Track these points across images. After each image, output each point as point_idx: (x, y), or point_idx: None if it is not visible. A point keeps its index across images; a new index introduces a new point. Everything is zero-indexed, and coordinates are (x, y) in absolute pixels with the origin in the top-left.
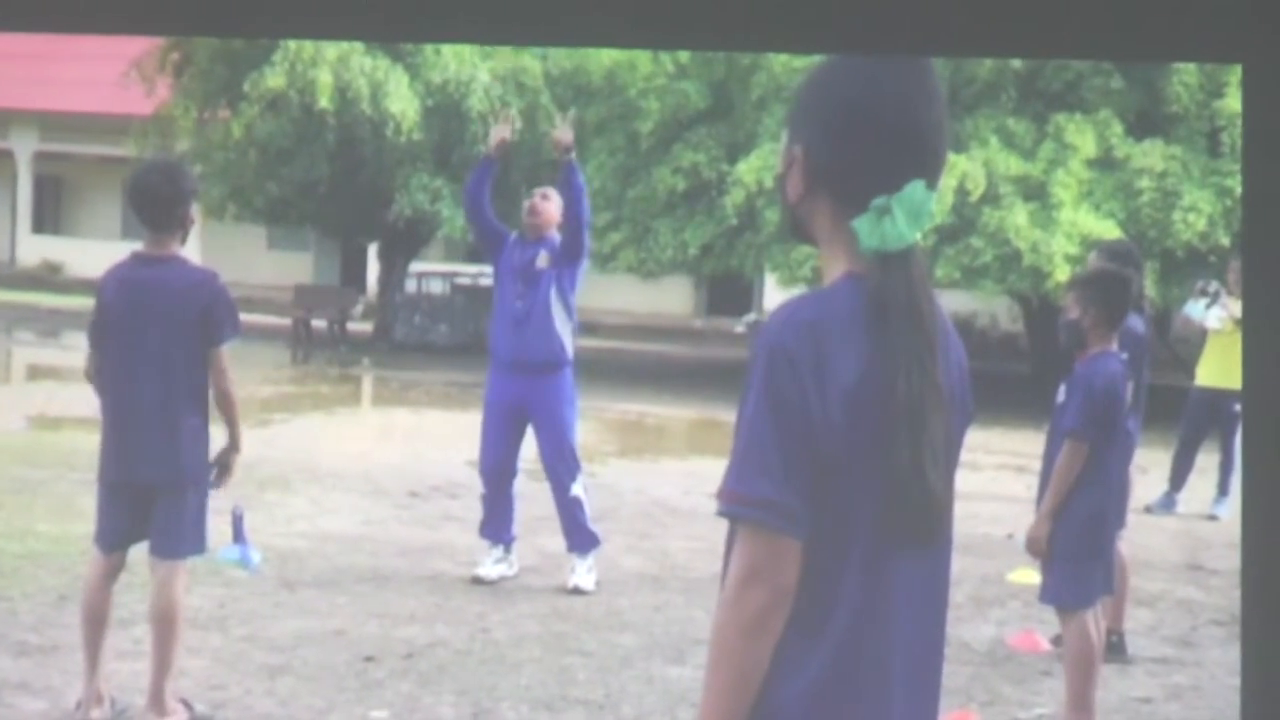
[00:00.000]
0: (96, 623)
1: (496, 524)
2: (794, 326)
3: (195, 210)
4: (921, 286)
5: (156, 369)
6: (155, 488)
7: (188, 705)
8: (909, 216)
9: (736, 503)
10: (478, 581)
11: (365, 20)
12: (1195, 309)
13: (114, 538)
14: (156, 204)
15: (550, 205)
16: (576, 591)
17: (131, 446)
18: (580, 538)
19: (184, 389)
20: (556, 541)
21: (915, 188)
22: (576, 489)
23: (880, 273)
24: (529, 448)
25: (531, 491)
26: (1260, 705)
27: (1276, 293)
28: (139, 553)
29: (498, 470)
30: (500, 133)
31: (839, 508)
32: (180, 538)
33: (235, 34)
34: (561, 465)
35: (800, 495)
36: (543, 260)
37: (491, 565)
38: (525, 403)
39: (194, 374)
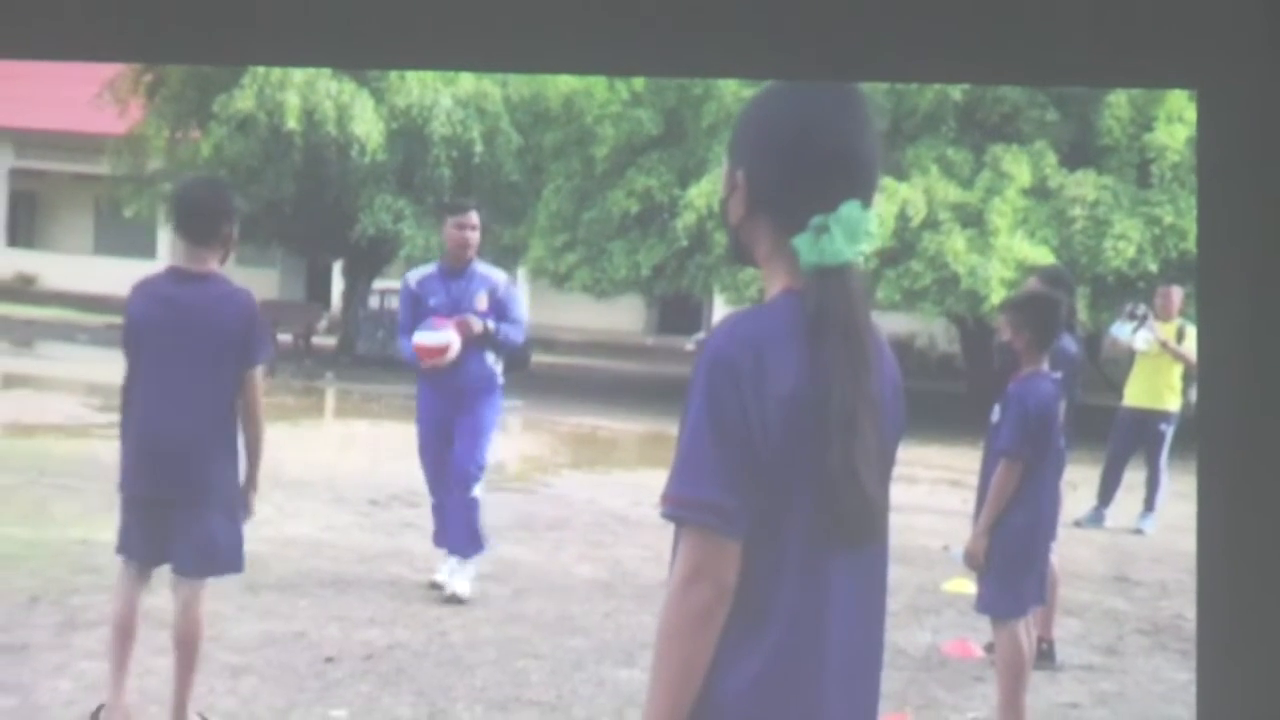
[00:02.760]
0: (125, 635)
1: (446, 533)
2: (734, 339)
3: (237, 229)
4: (858, 302)
5: (190, 385)
6: (179, 504)
7: None
8: (846, 234)
9: (679, 505)
10: (435, 587)
11: (333, 48)
12: (1122, 330)
13: (138, 550)
14: (202, 218)
15: (476, 235)
16: (454, 599)
17: (158, 461)
18: (468, 540)
19: (216, 407)
20: (513, 549)
21: (851, 207)
22: (478, 490)
23: (818, 288)
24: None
25: (488, 501)
26: (1213, 708)
27: (1229, 312)
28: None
29: (438, 482)
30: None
31: (776, 512)
32: (208, 557)
33: (210, 62)
34: (469, 466)
35: (739, 498)
36: (482, 302)
37: (448, 572)
38: (452, 419)
39: (227, 392)
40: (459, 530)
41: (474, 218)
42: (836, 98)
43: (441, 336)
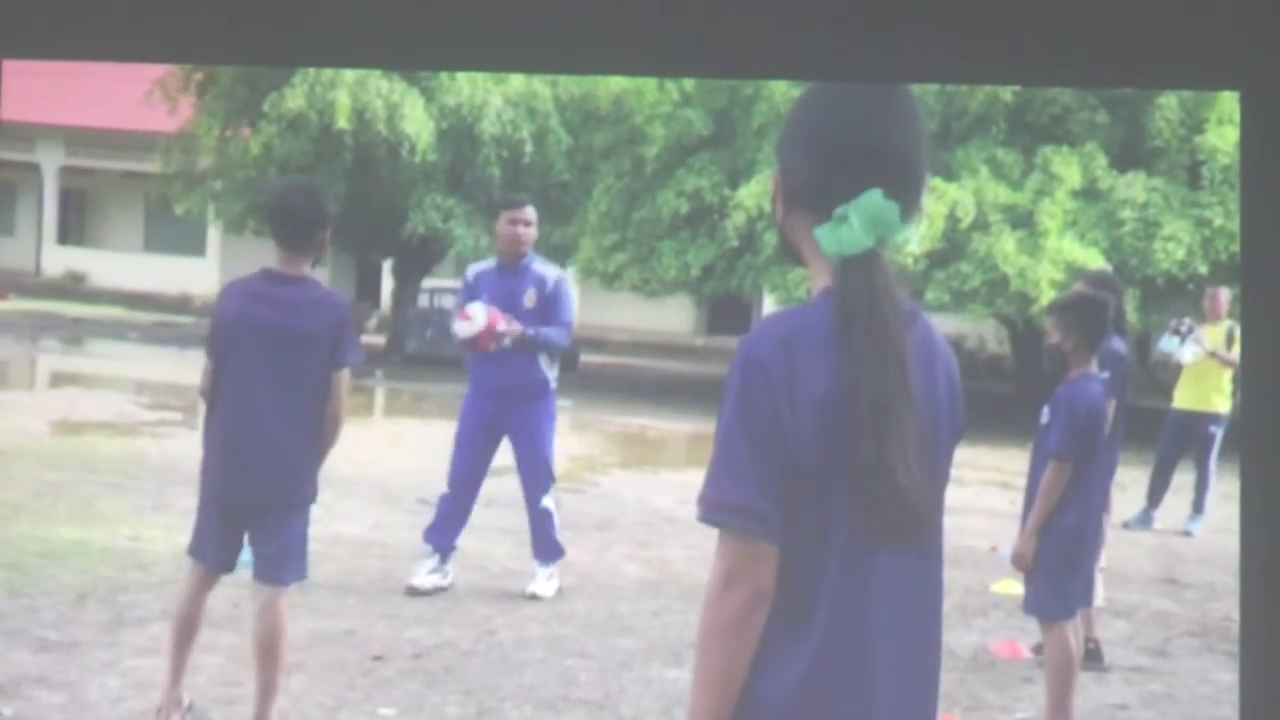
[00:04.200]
0: (187, 632)
1: (444, 531)
2: (767, 339)
3: (329, 234)
4: (884, 292)
5: (280, 388)
6: (265, 508)
7: None
8: (865, 223)
9: (713, 509)
10: (413, 593)
11: (384, 49)
12: (1170, 345)
13: (212, 553)
14: (297, 223)
15: (531, 231)
16: (534, 598)
17: (246, 464)
18: (546, 548)
19: (304, 410)
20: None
21: (872, 195)
22: (547, 501)
23: (842, 280)
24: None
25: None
26: (1258, 709)
27: (1273, 313)
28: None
29: (465, 479)
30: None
31: (814, 512)
32: (285, 564)
33: (262, 63)
34: (536, 479)
35: (774, 501)
36: (530, 300)
37: (426, 575)
38: (504, 423)
39: (314, 395)
40: (539, 539)
41: (528, 213)
42: (868, 92)
43: (470, 326)
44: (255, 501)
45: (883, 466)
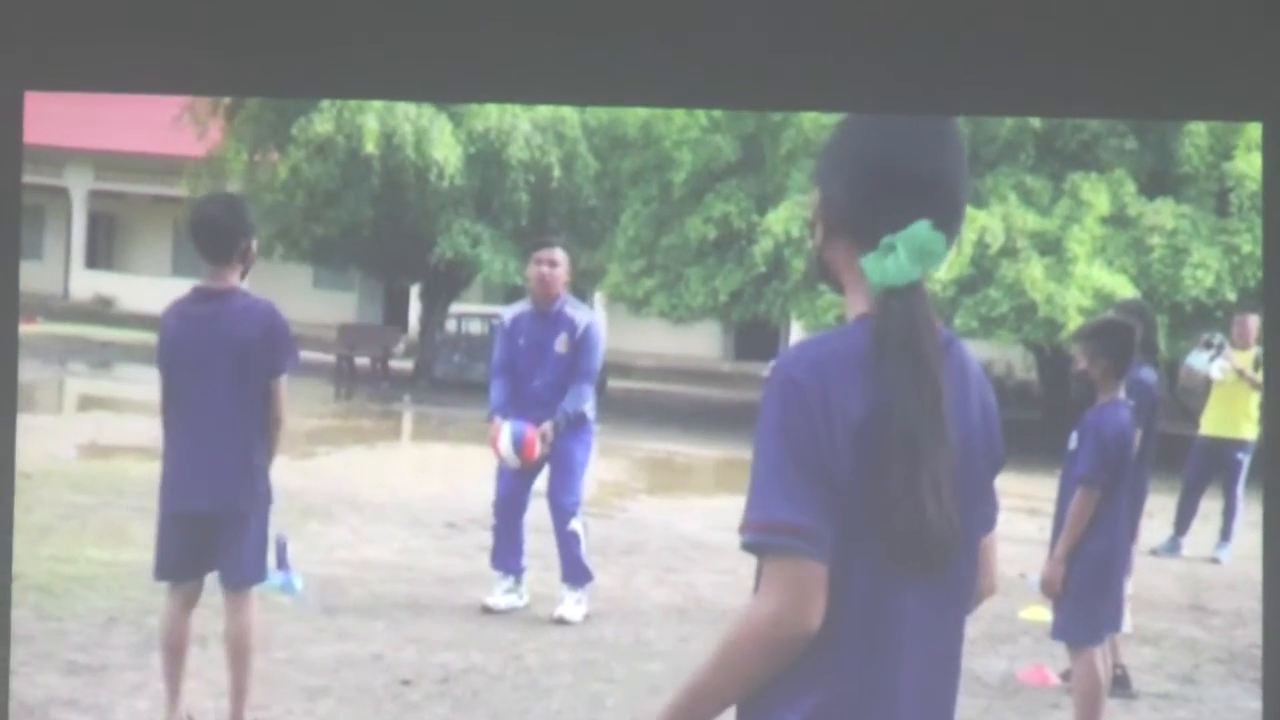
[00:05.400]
0: (175, 653)
1: (506, 555)
2: (801, 363)
3: (255, 244)
4: (924, 323)
5: (219, 400)
6: (220, 517)
7: None
8: (912, 254)
9: (762, 531)
10: (487, 610)
11: (411, 82)
12: (1199, 360)
13: (173, 569)
14: (217, 236)
15: (559, 272)
16: (561, 621)
17: (196, 476)
18: (574, 572)
19: (246, 420)
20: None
21: (920, 226)
22: (575, 524)
23: (882, 309)
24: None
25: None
26: None
27: None
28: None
29: (508, 503)
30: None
31: (843, 540)
32: (248, 566)
33: (291, 95)
34: (566, 502)
35: (823, 519)
36: (562, 345)
37: (501, 595)
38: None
39: (256, 405)
40: (566, 563)
41: (555, 254)
42: (915, 122)
43: (514, 459)
44: (209, 512)
45: (911, 498)
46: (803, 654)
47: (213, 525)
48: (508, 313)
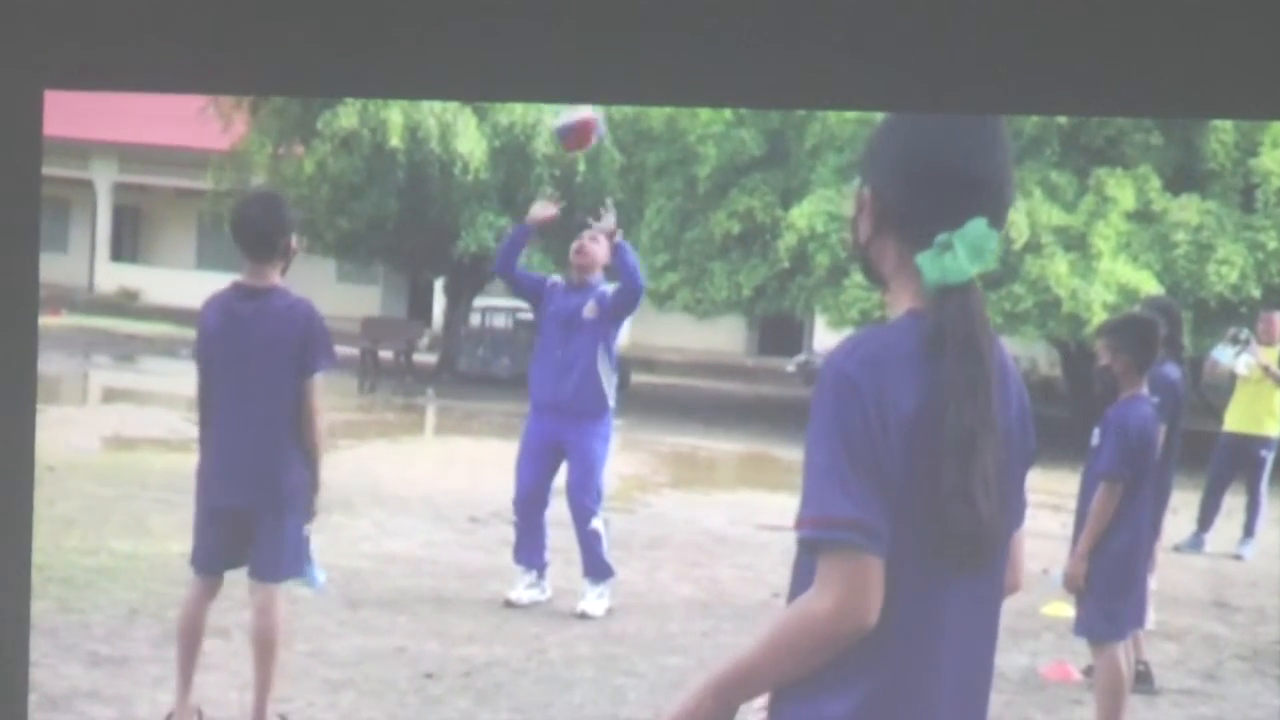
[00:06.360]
0: (191, 642)
1: (528, 550)
2: (855, 358)
3: (295, 240)
4: (979, 321)
5: (257, 396)
6: (255, 512)
7: None
8: (970, 252)
9: (820, 527)
10: (510, 605)
11: (438, 80)
12: (1224, 354)
13: (211, 561)
14: (257, 234)
15: (598, 248)
16: (584, 616)
17: (233, 472)
18: (595, 568)
19: (283, 416)
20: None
21: (977, 224)
22: (596, 523)
23: (938, 307)
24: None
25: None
26: None
27: None
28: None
29: (529, 500)
30: (545, 210)
31: (893, 534)
32: (279, 562)
33: (316, 94)
34: (586, 500)
35: (879, 514)
36: (590, 310)
37: (524, 590)
38: (562, 440)
39: (293, 402)
40: (588, 560)
41: (586, 242)
42: (967, 119)
43: (572, 113)
44: (244, 508)
45: (964, 494)
46: (854, 646)
47: (249, 520)
48: (549, 278)
